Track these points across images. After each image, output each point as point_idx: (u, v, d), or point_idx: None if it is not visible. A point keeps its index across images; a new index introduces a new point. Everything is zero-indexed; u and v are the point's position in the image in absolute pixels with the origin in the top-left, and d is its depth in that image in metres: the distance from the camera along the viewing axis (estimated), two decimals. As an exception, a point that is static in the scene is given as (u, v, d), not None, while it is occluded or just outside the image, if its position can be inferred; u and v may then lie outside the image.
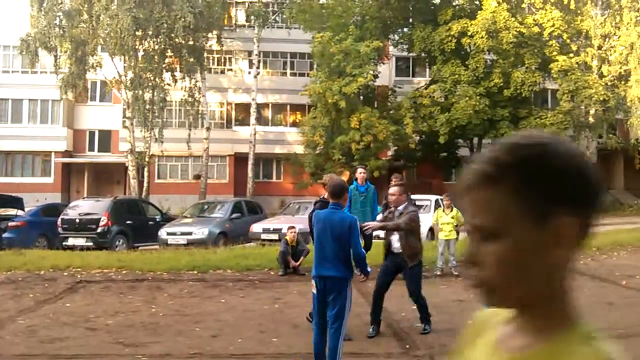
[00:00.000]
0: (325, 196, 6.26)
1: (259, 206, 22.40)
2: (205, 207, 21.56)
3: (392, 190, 7.51)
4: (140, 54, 29.81)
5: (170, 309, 9.00)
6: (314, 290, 5.68)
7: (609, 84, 30.28)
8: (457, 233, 11.95)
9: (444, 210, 12.36)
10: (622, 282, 10.80)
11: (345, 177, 28.41)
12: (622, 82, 30.75)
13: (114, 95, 35.08)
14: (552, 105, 34.53)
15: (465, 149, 33.56)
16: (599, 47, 31.15)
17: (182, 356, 6.65)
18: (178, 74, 31.25)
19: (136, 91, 29.51)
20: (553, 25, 29.67)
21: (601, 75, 30.55)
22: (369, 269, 5.73)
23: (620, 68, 30.49)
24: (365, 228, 7.06)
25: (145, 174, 32.07)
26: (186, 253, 14.04)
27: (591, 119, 31.29)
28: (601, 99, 29.05)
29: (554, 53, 29.58)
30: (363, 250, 5.56)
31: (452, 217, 12.07)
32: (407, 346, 6.95)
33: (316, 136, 29.60)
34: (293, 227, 12.41)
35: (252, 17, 34.09)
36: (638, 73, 29.77)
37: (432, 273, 12.00)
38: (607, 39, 31.26)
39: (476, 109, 28.40)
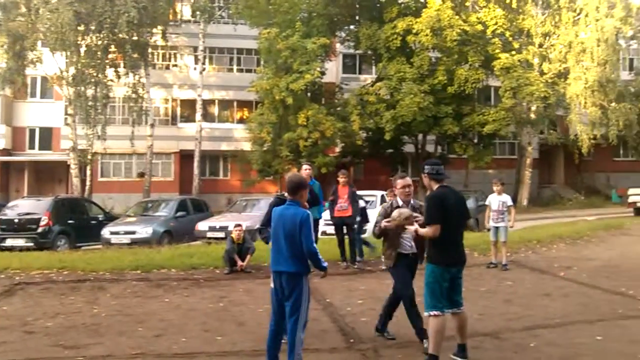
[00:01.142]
0: (286, 193, 6.28)
1: (205, 204, 22.17)
2: (150, 205, 21.19)
3: (407, 181, 6.83)
4: (83, 49, 29.16)
5: (112, 309, 8.82)
6: (272, 285, 5.72)
7: (550, 81, 31.13)
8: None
9: None
10: (561, 274, 11.13)
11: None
12: (562, 80, 31.68)
13: (55, 91, 34.19)
14: (494, 102, 35.33)
15: (411, 145, 34.02)
16: (540, 46, 32.00)
17: (124, 357, 6.53)
18: (122, 70, 30.69)
19: (78, 87, 28.86)
20: (496, 24, 30.34)
21: (542, 73, 31.39)
22: (324, 264, 5.66)
23: (560, 66, 31.40)
24: (385, 226, 6.50)
25: (88, 172, 31.43)
26: (130, 252, 13.79)
27: (532, 116, 32.12)
28: (542, 95, 29.84)
29: (497, 51, 30.22)
30: (314, 246, 5.52)
31: None
32: (352, 340, 6.99)
33: (263, 133, 29.49)
34: (239, 225, 12.34)
35: (198, 13, 33.66)
36: (576, 71, 30.73)
37: (377, 267, 12.14)
38: (547, 38, 32.14)
39: (421, 106, 28.79)
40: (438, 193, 6.06)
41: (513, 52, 30.74)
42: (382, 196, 20.26)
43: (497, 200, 11.95)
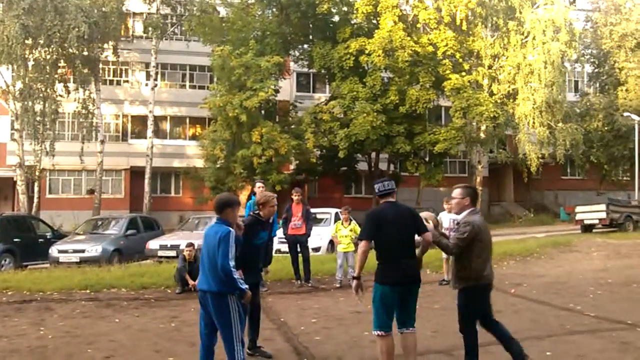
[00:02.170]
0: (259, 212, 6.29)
1: (156, 222, 21.80)
2: (99, 223, 20.73)
3: (454, 193, 6.17)
4: (31, 63, 28.52)
5: (60, 331, 8.55)
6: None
7: (499, 101, 31.87)
8: (355, 245, 12.12)
9: (342, 223, 12.51)
10: (511, 290, 11.31)
11: (246, 192, 28.30)
12: (511, 100, 32.48)
13: (0, 106, 33.25)
14: (445, 121, 35.97)
15: (364, 163, 34.30)
16: (489, 67, 32.77)
17: (72, 380, 6.33)
18: (71, 85, 30.15)
19: (26, 102, 28.19)
20: (446, 45, 30.94)
21: (491, 94, 32.12)
22: (242, 286, 5.36)
23: (509, 87, 32.21)
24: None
25: (36, 189, 30.63)
26: (78, 271, 13.44)
27: (482, 135, 32.80)
28: (491, 115, 30.51)
29: (447, 72, 30.81)
30: (229, 265, 5.24)
31: (350, 230, 12.26)
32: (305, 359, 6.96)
33: (217, 150, 29.27)
34: (192, 244, 12.16)
35: (150, 29, 33.31)
36: (524, 92, 31.57)
37: (331, 285, 12.15)
38: (496, 59, 32.95)
39: (374, 124, 29.10)
40: (374, 209, 6.05)
41: (463, 73, 31.40)
42: (336, 213, 20.34)
43: (447, 217, 12.11)
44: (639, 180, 32.85)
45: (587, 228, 26.51)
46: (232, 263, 5.30)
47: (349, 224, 12.35)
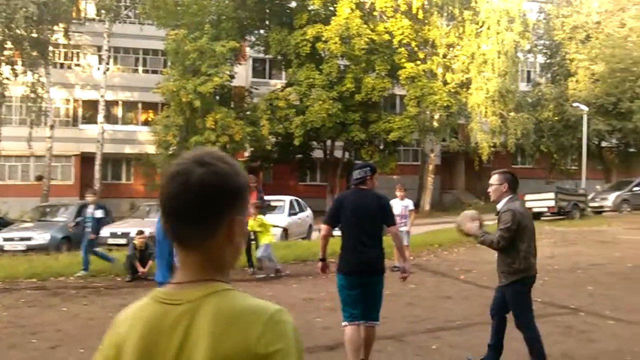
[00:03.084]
0: None
1: (107, 209, 21.36)
2: (48, 210, 20.26)
3: (491, 179, 5.80)
4: (-25, 44, 27.54)
5: (3, 321, 8.32)
6: None
7: (452, 91, 32.25)
8: None
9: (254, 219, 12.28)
10: (460, 277, 11.50)
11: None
12: (464, 90, 32.89)
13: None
14: (399, 109, 36.20)
15: (320, 150, 34.32)
16: (444, 56, 33.09)
17: (15, 371, 6.17)
18: (19, 68, 29.17)
19: (-31, 85, 27.23)
20: (402, 34, 31.11)
21: (445, 83, 32.47)
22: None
23: (462, 76, 32.60)
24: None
25: (-19, 175, 29.70)
26: (25, 260, 13.13)
27: (435, 124, 33.15)
28: (445, 104, 30.88)
29: (403, 60, 31.01)
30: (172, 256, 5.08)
31: (260, 226, 11.95)
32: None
33: (169, 136, 28.84)
34: (142, 232, 11.98)
35: (103, 11, 32.43)
36: (478, 81, 32.00)
37: (284, 272, 12.15)
38: (451, 49, 33.29)
39: (329, 112, 29.12)
40: (339, 194, 6.02)
41: (418, 62, 31.64)
42: (291, 201, 20.34)
43: (399, 205, 12.21)
44: (586, 170, 33.75)
45: (536, 216, 27.02)
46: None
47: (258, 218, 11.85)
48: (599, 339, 6.95)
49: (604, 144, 40.46)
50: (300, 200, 21.76)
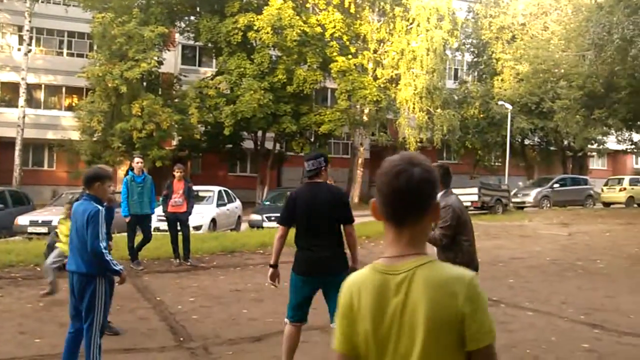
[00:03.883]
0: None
1: (27, 197, 20.62)
2: (-39, 196, 19.31)
3: None
4: None
5: None
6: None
7: (382, 86, 32.65)
8: None
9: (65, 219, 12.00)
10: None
11: (125, 167, 27.32)
12: (393, 85, 33.37)
13: None
14: (330, 103, 36.40)
15: (250, 141, 34.08)
16: (375, 51, 33.45)
17: None
18: None
19: None
20: (334, 27, 31.22)
21: (375, 78, 32.83)
22: (116, 267, 5.10)
23: (392, 72, 33.05)
24: None
25: None
26: None
27: (365, 118, 33.51)
28: (375, 99, 31.23)
29: (334, 54, 31.14)
30: (101, 246, 4.93)
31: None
32: (182, 339, 6.82)
33: (94, 122, 27.96)
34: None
35: (23, -11, 31.13)
36: (407, 77, 32.53)
37: (210, 264, 12.01)
38: (382, 44, 33.67)
39: (260, 102, 28.90)
40: (293, 190, 5.63)
41: (349, 56, 31.85)
42: (220, 192, 20.12)
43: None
44: (509, 166, 34.93)
45: (460, 210, 27.86)
46: (103, 244, 4.99)
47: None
48: (518, 329, 7.21)
49: (526, 141, 42.04)
50: (229, 191, 21.56)
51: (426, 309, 1.66)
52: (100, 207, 5.03)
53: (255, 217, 20.60)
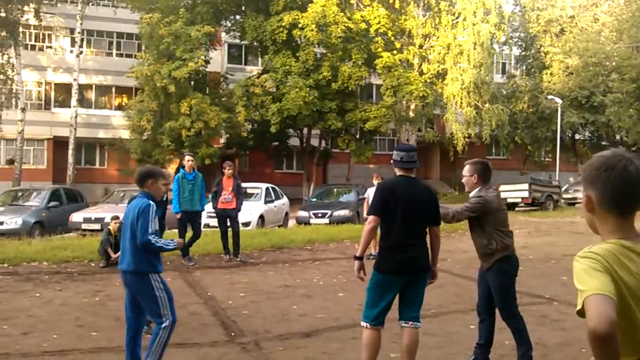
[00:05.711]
0: None
1: (80, 194, 21.15)
2: (20, 194, 19.93)
3: (464, 170, 5.59)
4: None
5: (-26, 306, 8.17)
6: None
7: (428, 81, 32.36)
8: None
9: None
10: (437, 265, 11.55)
11: (175, 165, 27.78)
12: (440, 80, 33.04)
13: None
14: (376, 99, 36.25)
15: (296, 138, 34.24)
16: (420, 46, 33.16)
17: (-15, 358, 6.04)
18: (-13, 48, 28.61)
19: (-62, 65, 26.58)
20: (379, 23, 31.06)
21: (421, 73, 32.55)
22: (169, 245, 5.13)
23: (438, 67, 32.72)
24: None
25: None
26: (-4, 244, 12.88)
27: (411, 114, 33.27)
28: (421, 95, 30.97)
29: (379, 49, 30.99)
30: (149, 238, 4.92)
31: None
32: (233, 334, 6.89)
33: (143, 121, 28.52)
34: (117, 217, 11.82)
35: (75, -7, 31.95)
36: (453, 72, 32.16)
37: (260, 260, 12.12)
38: (427, 39, 33.37)
39: (306, 100, 29.00)
40: (386, 181, 5.42)
41: (394, 52, 31.65)
42: (267, 188, 20.29)
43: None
44: (560, 161, 34.19)
45: (510, 206, 27.36)
46: (152, 237, 4.99)
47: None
48: (572, 328, 7.06)
49: (577, 136, 41.06)
50: (276, 187, 21.73)
51: None
52: (151, 202, 5.11)
53: (302, 213, 20.75)
